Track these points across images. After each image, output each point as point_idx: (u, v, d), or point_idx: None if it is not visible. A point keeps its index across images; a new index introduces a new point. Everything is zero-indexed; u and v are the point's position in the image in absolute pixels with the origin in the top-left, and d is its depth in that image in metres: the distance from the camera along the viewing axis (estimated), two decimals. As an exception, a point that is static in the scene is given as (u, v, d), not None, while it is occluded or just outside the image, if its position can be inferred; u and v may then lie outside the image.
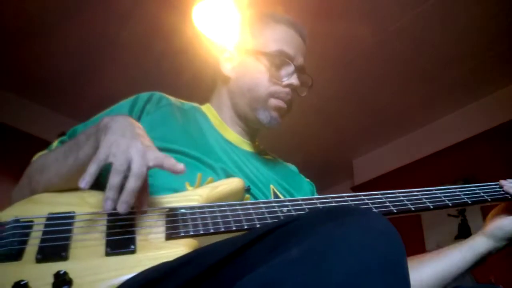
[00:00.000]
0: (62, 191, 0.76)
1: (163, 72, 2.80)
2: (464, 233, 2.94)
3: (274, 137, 1.10)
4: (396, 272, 0.46)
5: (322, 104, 3.08)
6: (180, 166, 0.67)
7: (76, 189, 0.73)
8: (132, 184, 0.64)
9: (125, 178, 0.64)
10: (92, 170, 0.64)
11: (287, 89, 1.02)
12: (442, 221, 3.03)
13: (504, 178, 1.00)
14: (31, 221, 0.66)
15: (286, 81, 1.01)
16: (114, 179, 0.64)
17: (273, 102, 1.01)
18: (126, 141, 0.67)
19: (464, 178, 3.03)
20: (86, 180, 0.63)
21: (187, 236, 0.67)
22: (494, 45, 2.66)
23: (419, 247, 3.08)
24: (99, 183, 0.68)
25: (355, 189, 3.81)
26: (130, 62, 2.84)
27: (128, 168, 0.65)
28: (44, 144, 0.93)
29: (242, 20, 1.12)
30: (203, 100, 1.13)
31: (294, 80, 1.02)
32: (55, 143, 0.93)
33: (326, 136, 3.54)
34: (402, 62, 2.80)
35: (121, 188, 0.64)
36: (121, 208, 0.63)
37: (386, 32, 2.58)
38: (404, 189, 0.88)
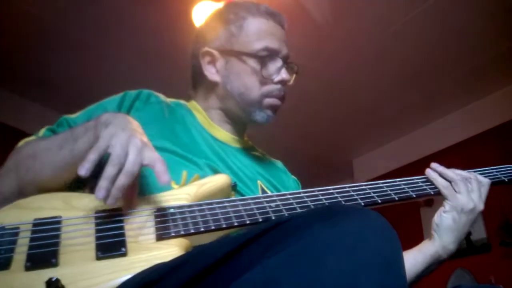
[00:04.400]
0: (48, 194, 0.75)
1: (162, 72, 2.80)
2: (464, 233, 2.94)
3: (274, 137, 1.10)
4: (393, 270, 0.45)
5: (322, 104, 3.08)
6: (165, 178, 0.66)
7: (61, 192, 0.73)
8: (122, 180, 0.64)
9: (120, 171, 0.65)
10: (91, 158, 0.64)
11: (279, 86, 0.99)
12: (442, 220, 3.02)
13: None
14: (17, 228, 0.64)
15: (276, 78, 0.98)
16: (110, 170, 0.64)
17: (268, 101, 0.99)
18: (126, 134, 0.68)
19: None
20: (85, 167, 0.63)
21: (178, 235, 0.67)
22: (494, 45, 2.66)
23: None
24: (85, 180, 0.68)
25: (355, 189, 3.80)
26: (130, 62, 2.84)
27: (125, 162, 0.65)
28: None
29: (216, 17, 1.06)
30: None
31: (284, 75, 0.99)
32: (42, 130, 0.91)
33: (326, 136, 3.54)
34: (402, 62, 2.80)
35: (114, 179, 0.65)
36: (109, 201, 0.64)
37: (386, 32, 2.58)
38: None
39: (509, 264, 2.64)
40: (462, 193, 0.89)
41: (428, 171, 0.95)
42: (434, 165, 0.96)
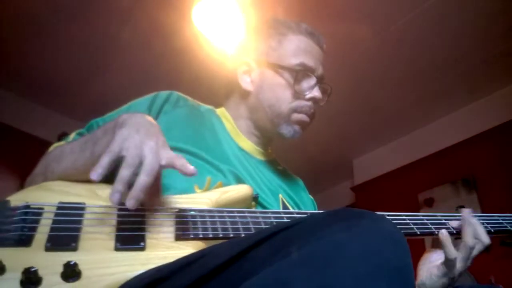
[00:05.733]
0: (73, 181, 0.76)
1: (163, 72, 2.80)
2: (464, 233, 2.94)
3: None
4: (403, 277, 0.45)
5: (322, 104, 3.08)
6: (191, 168, 0.66)
7: (87, 181, 0.73)
8: (143, 179, 0.63)
9: (136, 174, 0.64)
10: (104, 162, 0.63)
11: (310, 103, 1.02)
12: (442, 221, 3.02)
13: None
14: (42, 208, 0.65)
15: (308, 94, 1.01)
16: (124, 172, 0.63)
17: (297, 116, 1.01)
18: (140, 137, 0.67)
19: (463, 178, 3.03)
20: (98, 172, 0.62)
21: (196, 238, 0.68)
22: (494, 45, 2.66)
23: (419, 248, 3.07)
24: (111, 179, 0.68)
25: (355, 189, 3.81)
26: (130, 62, 2.84)
27: (140, 164, 0.64)
28: (44, 144, 0.93)
29: (258, 30, 1.09)
30: (203, 100, 1.13)
31: (316, 92, 1.01)
32: (72, 135, 0.93)
33: (326, 136, 3.54)
34: (402, 62, 2.80)
35: (131, 183, 0.64)
36: (130, 203, 0.63)
37: (386, 32, 2.58)
38: (403, 191, 0.89)
39: (509, 264, 2.64)
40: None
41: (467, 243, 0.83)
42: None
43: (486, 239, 0.85)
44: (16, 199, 0.66)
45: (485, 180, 2.90)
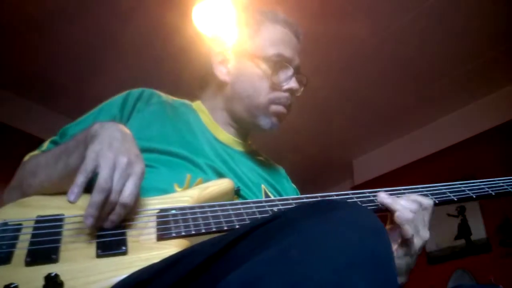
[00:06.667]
0: (51, 194, 0.76)
1: (163, 72, 2.79)
2: (464, 233, 2.94)
3: (273, 137, 1.11)
4: (384, 268, 0.45)
5: (322, 104, 3.08)
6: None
7: (64, 193, 0.73)
8: (121, 211, 0.65)
9: (109, 193, 0.64)
10: (80, 182, 0.63)
11: (287, 94, 1.00)
12: (442, 221, 3.02)
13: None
14: (20, 224, 0.65)
15: (286, 85, 0.99)
16: (96, 197, 0.63)
17: (274, 108, 1.00)
18: (112, 153, 0.66)
19: (463, 178, 3.03)
20: (74, 192, 0.62)
21: (178, 236, 0.67)
22: (494, 45, 2.66)
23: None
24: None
25: (355, 189, 3.80)
26: (130, 62, 2.84)
27: (111, 188, 0.65)
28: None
29: (235, 20, 1.08)
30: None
31: (293, 83, 1.00)
32: (46, 144, 0.92)
33: (326, 136, 3.54)
34: (402, 62, 2.79)
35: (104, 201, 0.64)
36: (108, 225, 0.65)
37: (386, 32, 2.58)
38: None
39: (509, 264, 2.64)
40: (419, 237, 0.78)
41: (398, 217, 0.79)
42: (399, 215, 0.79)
43: (426, 201, 0.80)
44: None
45: (484, 181, 2.90)
